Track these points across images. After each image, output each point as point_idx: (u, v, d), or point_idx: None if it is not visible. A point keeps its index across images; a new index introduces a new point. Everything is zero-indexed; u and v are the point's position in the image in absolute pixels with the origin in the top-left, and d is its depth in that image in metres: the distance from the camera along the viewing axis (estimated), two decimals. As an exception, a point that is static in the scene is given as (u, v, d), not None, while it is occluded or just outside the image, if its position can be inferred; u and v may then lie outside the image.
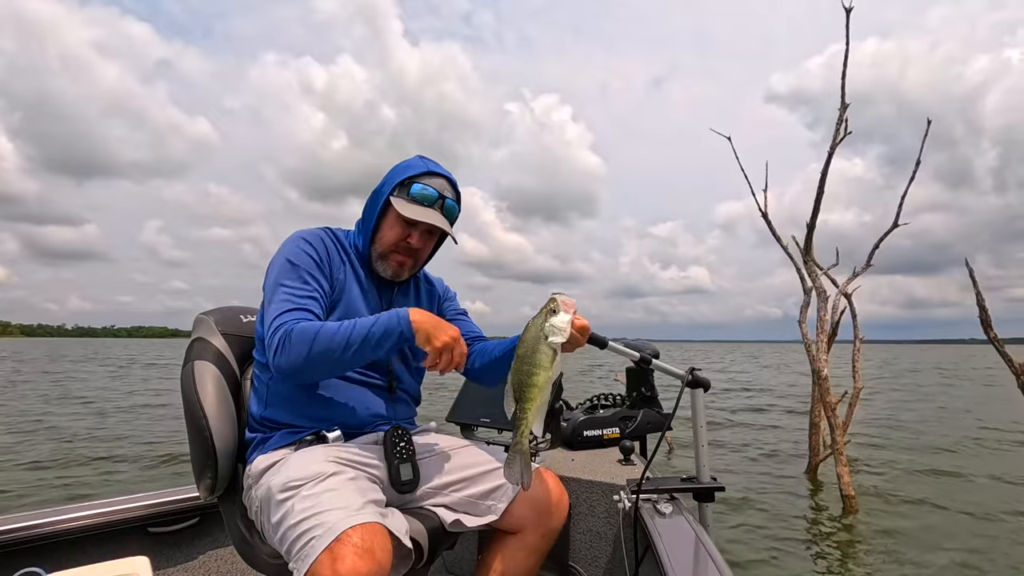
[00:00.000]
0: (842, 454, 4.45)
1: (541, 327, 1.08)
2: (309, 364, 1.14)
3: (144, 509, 1.56)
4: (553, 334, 1.07)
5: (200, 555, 1.67)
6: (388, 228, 1.32)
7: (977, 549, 3.47)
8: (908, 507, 4.41)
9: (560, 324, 1.08)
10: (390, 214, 1.32)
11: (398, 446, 1.26)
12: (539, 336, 1.08)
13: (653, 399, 2.13)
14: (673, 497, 1.50)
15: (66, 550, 1.45)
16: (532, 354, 1.07)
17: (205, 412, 1.25)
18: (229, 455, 1.28)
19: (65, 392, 13.03)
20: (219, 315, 1.42)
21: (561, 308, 1.09)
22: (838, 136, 5.04)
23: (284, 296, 1.20)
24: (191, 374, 1.30)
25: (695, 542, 1.25)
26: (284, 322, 1.15)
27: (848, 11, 4.95)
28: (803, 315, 5.12)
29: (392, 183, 1.32)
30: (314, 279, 1.25)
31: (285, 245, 1.29)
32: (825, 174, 5.11)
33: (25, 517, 1.41)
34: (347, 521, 0.97)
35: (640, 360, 1.56)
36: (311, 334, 1.13)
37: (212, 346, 1.36)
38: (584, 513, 1.75)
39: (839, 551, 3.51)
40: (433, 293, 1.52)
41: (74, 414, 9.39)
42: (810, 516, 4.18)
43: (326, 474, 1.10)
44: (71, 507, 1.48)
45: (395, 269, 1.35)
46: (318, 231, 1.35)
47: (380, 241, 1.33)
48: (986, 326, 3.56)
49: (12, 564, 1.33)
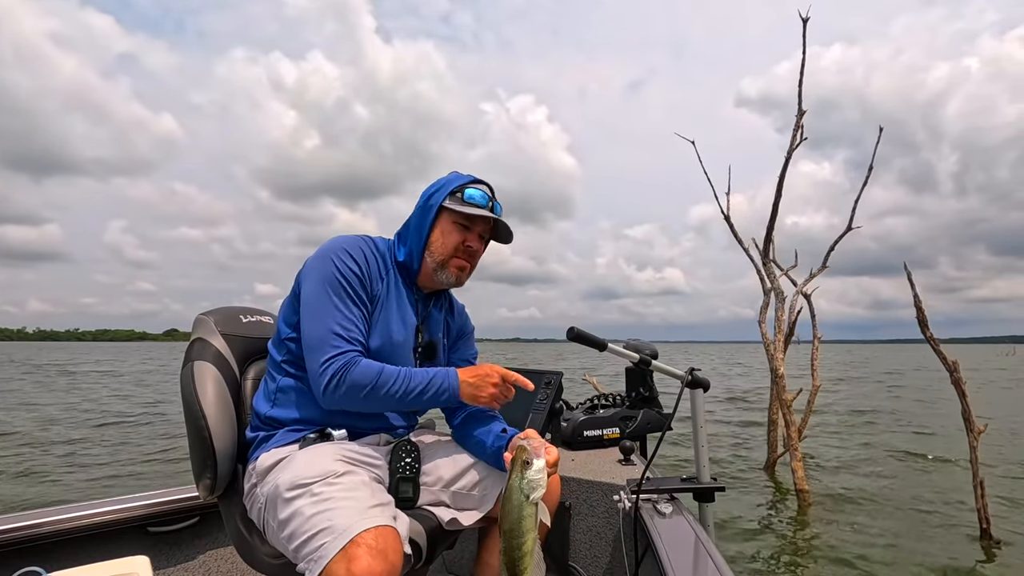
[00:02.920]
0: (797, 450, 4.59)
1: (520, 488, 1.02)
2: (359, 404, 1.19)
3: (144, 509, 1.54)
4: (533, 490, 1.02)
5: (200, 555, 1.65)
6: (444, 235, 1.33)
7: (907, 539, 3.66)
8: (858, 501, 4.59)
9: (537, 476, 1.03)
10: (443, 222, 1.34)
11: (404, 461, 1.26)
12: (521, 501, 1.02)
13: (653, 399, 2.15)
14: (673, 497, 1.52)
15: (66, 550, 1.43)
16: (519, 523, 1.02)
17: (204, 412, 1.25)
18: (228, 455, 1.28)
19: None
20: (219, 315, 1.41)
21: (533, 457, 1.04)
22: (794, 142, 5.17)
23: (335, 321, 1.20)
24: (191, 375, 1.29)
25: (695, 542, 1.26)
26: (339, 357, 1.17)
27: (805, 21, 5.07)
28: (763, 315, 5.26)
29: (443, 193, 1.34)
30: (360, 301, 1.24)
31: (329, 255, 1.26)
32: (782, 179, 5.23)
33: (25, 517, 1.39)
34: (361, 523, 0.97)
35: (639, 361, 1.58)
36: (370, 379, 1.17)
37: (212, 347, 1.35)
38: (584, 513, 1.76)
39: (792, 545, 3.63)
40: (452, 327, 1.50)
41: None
42: (764, 511, 4.31)
43: (337, 472, 1.10)
44: (71, 507, 1.47)
45: (457, 275, 1.36)
46: (359, 240, 1.32)
47: (437, 250, 1.34)
48: (923, 326, 3.78)
49: (12, 564, 1.31)
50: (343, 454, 1.17)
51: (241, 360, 1.41)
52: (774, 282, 5.23)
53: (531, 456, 1.04)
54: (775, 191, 5.27)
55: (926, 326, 3.77)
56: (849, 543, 3.58)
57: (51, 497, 4.90)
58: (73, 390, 14.74)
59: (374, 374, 1.18)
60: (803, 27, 5.07)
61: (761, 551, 3.49)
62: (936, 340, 3.78)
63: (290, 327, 1.28)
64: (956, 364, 3.66)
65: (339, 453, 1.17)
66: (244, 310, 1.49)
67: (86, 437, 7.69)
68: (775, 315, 5.14)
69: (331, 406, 1.20)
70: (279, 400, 1.28)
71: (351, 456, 1.18)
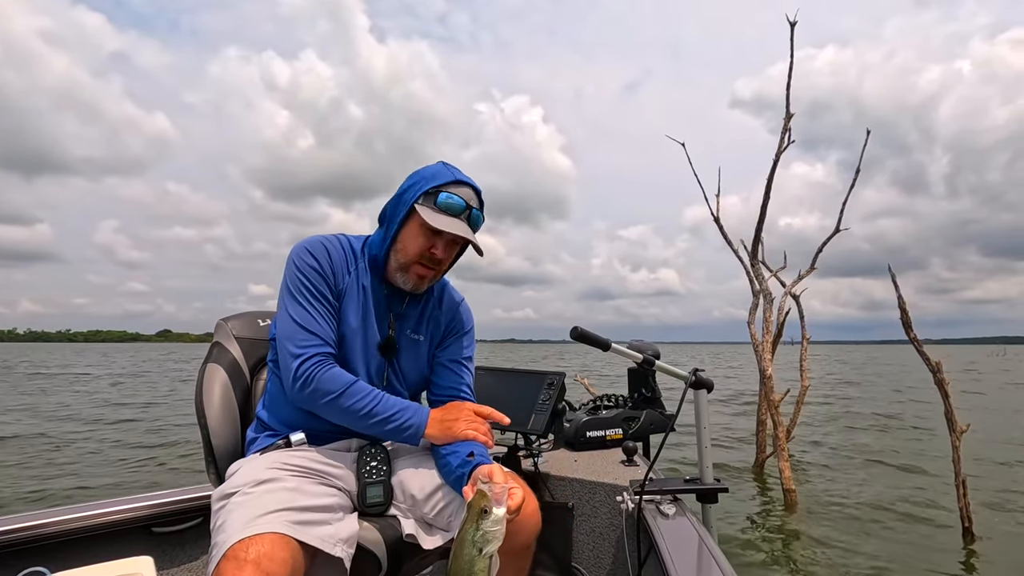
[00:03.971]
0: (784, 450, 4.64)
1: (474, 542, 0.89)
2: (321, 409, 1.20)
3: (148, 509, 1.54)
4: (487, 543, 0.89)
5: (204, 555, 1.64)
6: (411, 238, 1.26)
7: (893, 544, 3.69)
8: (844, 502, 4.63)
9: (494, 529, 0.90)
10: (412, 223, 1.26)
11: (369, 465, 1.24)
12: (473, 556, 0.89)
13: (656, 400, 2.16)
14: (676, 498, 1.52)
15: (70, 550, 1.43)
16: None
17: (206, 412, 1.33)
18: (229, 454, 1.33)
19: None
20: (237, 321, 1.51)
21: (493, 504, 0.91)
22: (782, 145, 5.22)
23: (300, 317, 1.21)
24: (202, 376, 1.39)
25: (698, 543, 1.26)
26: (307, 358, 1.18)
27: (792, 25, 5.10)
28: (752, 316, 5.32)
29: (417, 191, 1.26)
30: (322, 297, 1.25)
31: (291, 257, 1.28)
32: (770, 181, 5.28)
33: (29, 517, 1.39)
34: (239, 534, 0.95)
35: (643, 361, 1.58)
36: (337, 388, 1.17)
37: (227, 350, 1.44)
38: (587, 514, 1.77)
39: (777, 545, 3.67)
40: (439, 324, 1.43)
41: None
42: (751, 511, 4.35)
43: (259, 480, 1.09)
44: (75, 507, 1.46)
45: (415, 282, 1.30)
46: (320, 239, 1.31)
47: (402, 251, 1.28)
48: (907, 327, 3.84)
49: (16, 564, 1.30)
50: (284, 461, 1.16)
51: (255, 364, 1.48)
52: (762, 283, 5.29)
53: (490, 504, 0.90)
54: (763, 193, 5.34)
55: (910, 327, 3.84)
56: (834, 543, 3.62)
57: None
58: (40, 393, 14.40)
59: (342, 384, 1.18)
60: (791, 31, 5.11)
61: (747, 551, 3.52)
62: (919, 341, 3.85)
63: (275, 327, 1.30)
64: (939, 365, 3.73)
65: (279, 460, 1.16)
66: (262, 314, 1.56)
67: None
68: (763, 316, 5.19)
69: (298, 403, 1.21)
70: (266, 401, 1.32)
71: (294, 463, 1.17)
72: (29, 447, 7.09)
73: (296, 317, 1.21)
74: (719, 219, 5.55)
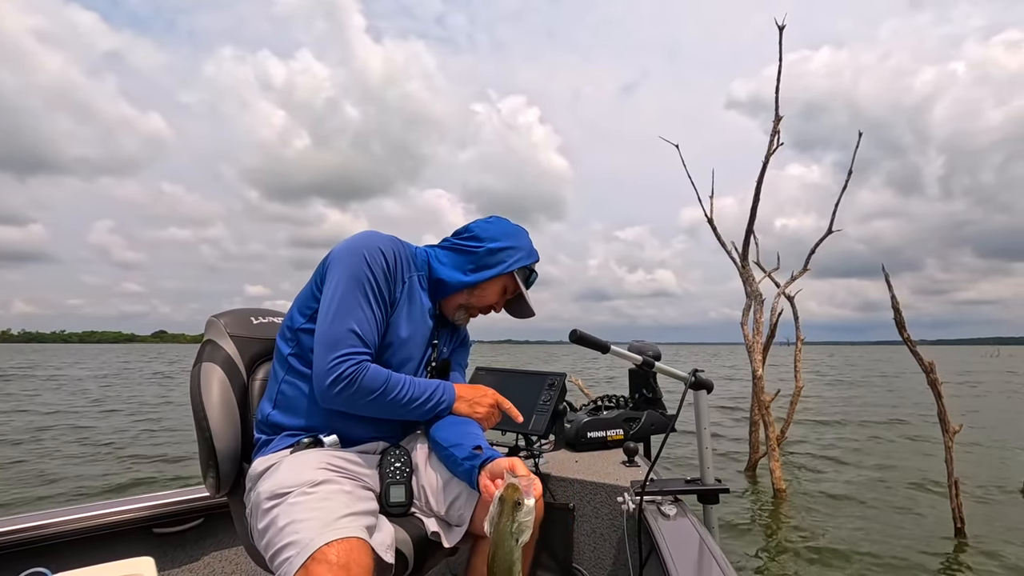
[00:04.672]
0: (775, 450, 4.67)
1: (512, 534, 0.95)
2: (361, 407, 1.20)
3: (149, 510, 1.54)
4: (523, 533, 0.96)
5: (205, 556, 1.65)
6: (493, 293, 1.40)
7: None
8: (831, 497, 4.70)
9: (527, 519, 0.96)
10: (499, 281, 1.39)
11: (393, 466, 1.25)
12: (512, 547, 0.95)
13: (656, 401, 2.16)
14: (677, 499, 1.52)
15: (71, 551, 1.42)
16: (509, 569, 0.94)
17: (207, 413, 1.27)
18: (231, 455, 1.29)
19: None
20: (229, 318, 1.43)
21: (523, 496, 0.97)
22: (771, 147, 5.25)
23: (356, 321, 1.18)
24: (198, 376, 1.32)
25: (699, 544, 1.26)
26: (352, 358, 1.16)
27: (781, 29, 5.13)
28: (745, 317, 5.34)
29: (517, 261, 1.39)
30: (383, 303, 1.24)
31: (362, 251, 1.22)
32: (760, 183, 5.29)
33: (30, 517, 1.38)
34: (324, 536, 0.95)
35: (642, 363, 1.59)
36: (379, 385, 1.19)
37: (221, 349, 1.37)
38: (588, 515, 1.77)
39: (766, 544, 3.70)
40: (458, 336, 1.52)
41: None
42: (742, 510, 4.38)
43: (315, 481, 1.08)
44: (76, 508, 1.46)
45: (464, 322, 1.45)
46: (391, 240, 1.29)
47: (478, 297, 1.39)
48: (900, 328, 3.88)
49: (18, 565, 1.30)
50: (328, 462, 1.16)
51: (250, 362, 1.42)
52: (753, 284, 5.31)
53: (522, 496, 0.96)
54: (753, 195, 5.37)
55: (903, 328, 3.88)
56: (823, 542, 3.64)
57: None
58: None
59: (383, 379, 1.19)
60: (779, 35, 5.14)
61: (734, 549, 3.53)
62: (913, 341, 3.89)
63: (305, 317, 1.26)
64: (932, 365, 3.77)
65: (324, 461, 1.15)
66: (255, 311, 1.50)
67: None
68: (754, 317, 5.22)
69: (329, 404, 1.18)
70: (280, 401, 1.27)
71: (337, 464, 1.17)
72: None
73: (354, 319, 1.18)
74: (712, 220, 5.57)
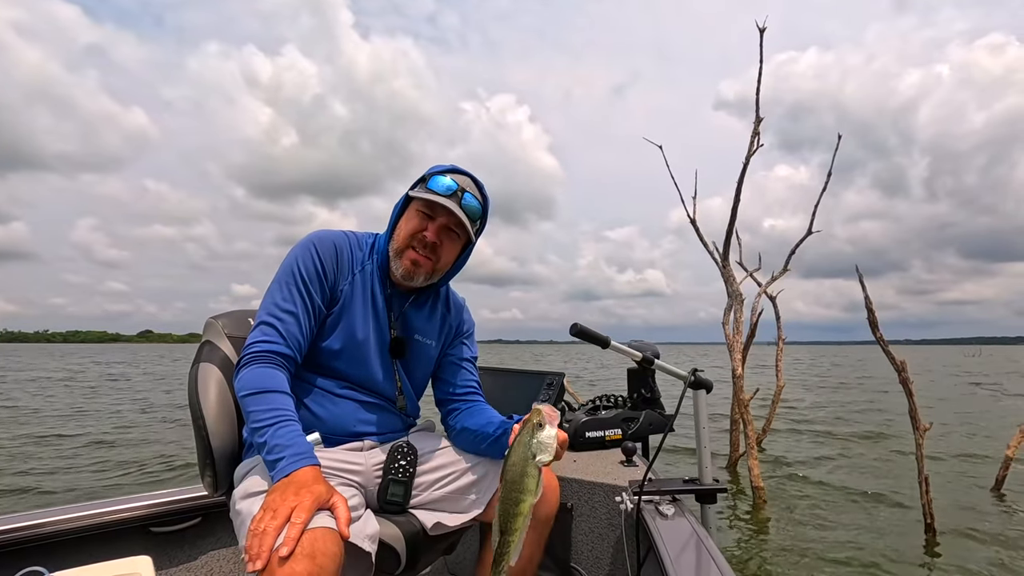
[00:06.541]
0: (753, 448, 4.73)
1: (528, 446, 0.99)
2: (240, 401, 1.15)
3: (146, 509, 1.53)
4: (541, 452, 0.99)
5: (202, 555, 1.64)
6: (405, 221, 1.29)
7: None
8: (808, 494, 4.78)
9: (548, 440, 0.99)
10: (408, 211, 1.30)
11: (398, 463, 1.24)
12: (527, 457, 0.98)
13: (655, 400, 2.17)
14: (675, 499, 1.53)
15: (68, 550, 1.41)
16: (520, 479, 0.98)
17: (203, 413, 1.27)
18: (228, 455, 1.29)
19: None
20: (228, 319, 1.44)
21: (547, 420, 1.00)
22: (751, 149, 5.30)
23: (276, 307, 1.20)
24: (196, 376, 1.32)
25: (697, 544, 1.27)
26: (253, 343, 1.16)
27: (762, 32, 5.14)
28: (726, 317, 5.38)
29: (415, 181, 1.31)
30: (309, 297, 1.23)
31: (296, 247, 1.27)
32: (740, 184, 5.33)
33: (27, 517, 1.37)
34: None
35: (642, 361, 1.60)
36: (242, 388, 1.11)
37: (219, 349, 1.38)
38: (586, 514, 1.78)
39: (745, 541, 3.75)
40: (447, 324, 1.45)
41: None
42: (724, 505, 4.44)
43: None
44: (73, 507, 1.45)
45: (407, 268, 1.28)
46: (333, 235, 1.30)
47: (396, 238, 1.30)
48: (873, 328, 3.94)
49: (14, 564, 1.29)
50: None
51: None
52: (734, 284, 5.36)
53: (544, 420, 1.00)
54: (734, 195, 5.40)
55: (876, 327, 3.94)
56: (799, 538, 3.70)
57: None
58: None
59: (250, 386, 1.11)
60: (760, 37, 5.15)
61: (729, 548, 3.57)
62: (885, 341, 3.97)
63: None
64: (904, 364, 3.84)
65: None
66: (253, 312, 1.49)
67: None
68: (735, 317, 5.27)
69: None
70: None
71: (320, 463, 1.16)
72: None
73: (271, 309, 1.20)
74: (695, 221, 5.61)
